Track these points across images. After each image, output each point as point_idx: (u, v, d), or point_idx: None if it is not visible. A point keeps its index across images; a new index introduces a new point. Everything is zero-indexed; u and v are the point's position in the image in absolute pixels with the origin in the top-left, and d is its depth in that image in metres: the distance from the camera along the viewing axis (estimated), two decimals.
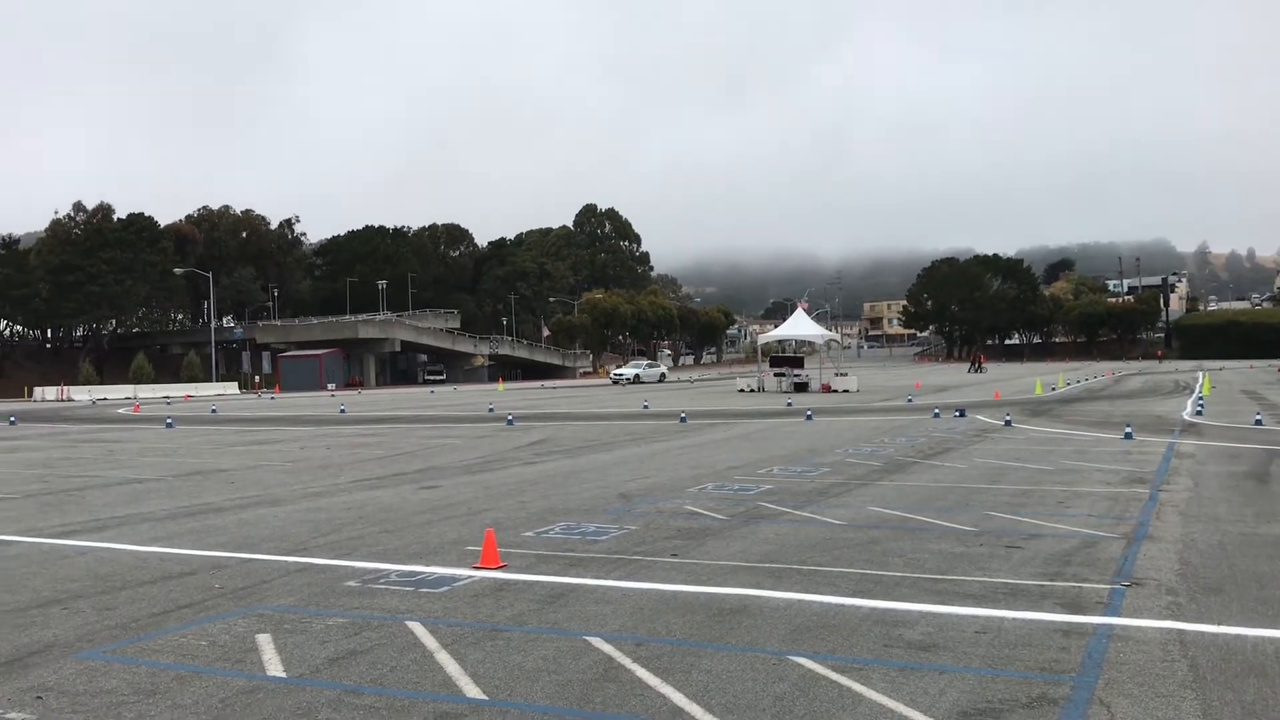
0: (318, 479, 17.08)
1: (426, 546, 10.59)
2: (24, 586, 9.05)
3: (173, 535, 11.64)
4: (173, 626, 7.58)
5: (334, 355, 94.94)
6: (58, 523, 12.78)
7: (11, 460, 21.94)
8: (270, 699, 5.91)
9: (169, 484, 16.83)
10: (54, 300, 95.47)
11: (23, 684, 6.26)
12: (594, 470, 17.54)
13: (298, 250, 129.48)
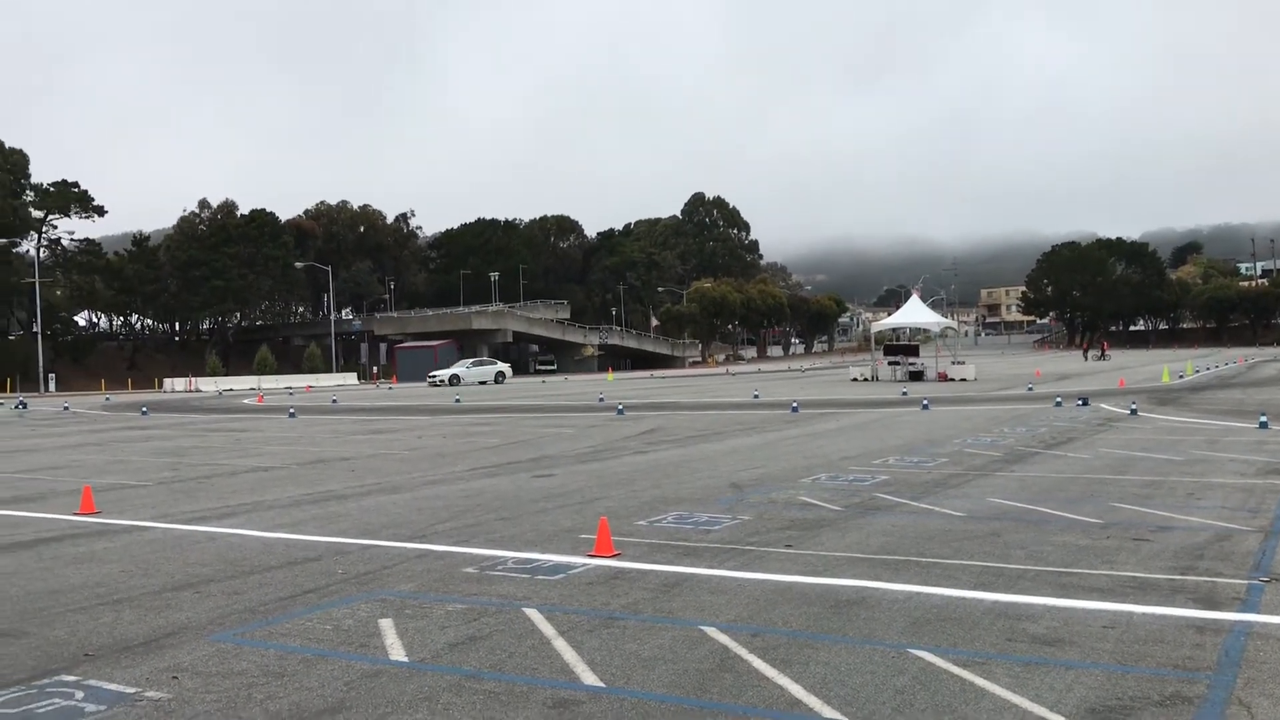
0: (435, 467, 17.40)
1: (541, 534, 10.70)
2: (158, 571, 9.41)
3: (297, 522, 11.98)
4: (298, 611, 7.79)
5: (448, 346, 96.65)
6: (188, 509, 13.27)
7: (144, 449, 22.86)
8: (393, 683, 6.03)
9: (293, 472, 17.33)
10: (182, 294, 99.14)
11: (159, 664, 6.50)
12: (705, 460, 17.51)
13: (413, 243, 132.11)
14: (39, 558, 10.15)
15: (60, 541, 11.04)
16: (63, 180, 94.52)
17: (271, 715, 5.52)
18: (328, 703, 5.70)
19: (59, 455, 21.63)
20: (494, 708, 5.59)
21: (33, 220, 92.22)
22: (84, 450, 22.80)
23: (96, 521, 12.32)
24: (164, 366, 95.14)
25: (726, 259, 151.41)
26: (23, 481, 16.83)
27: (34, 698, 5.88)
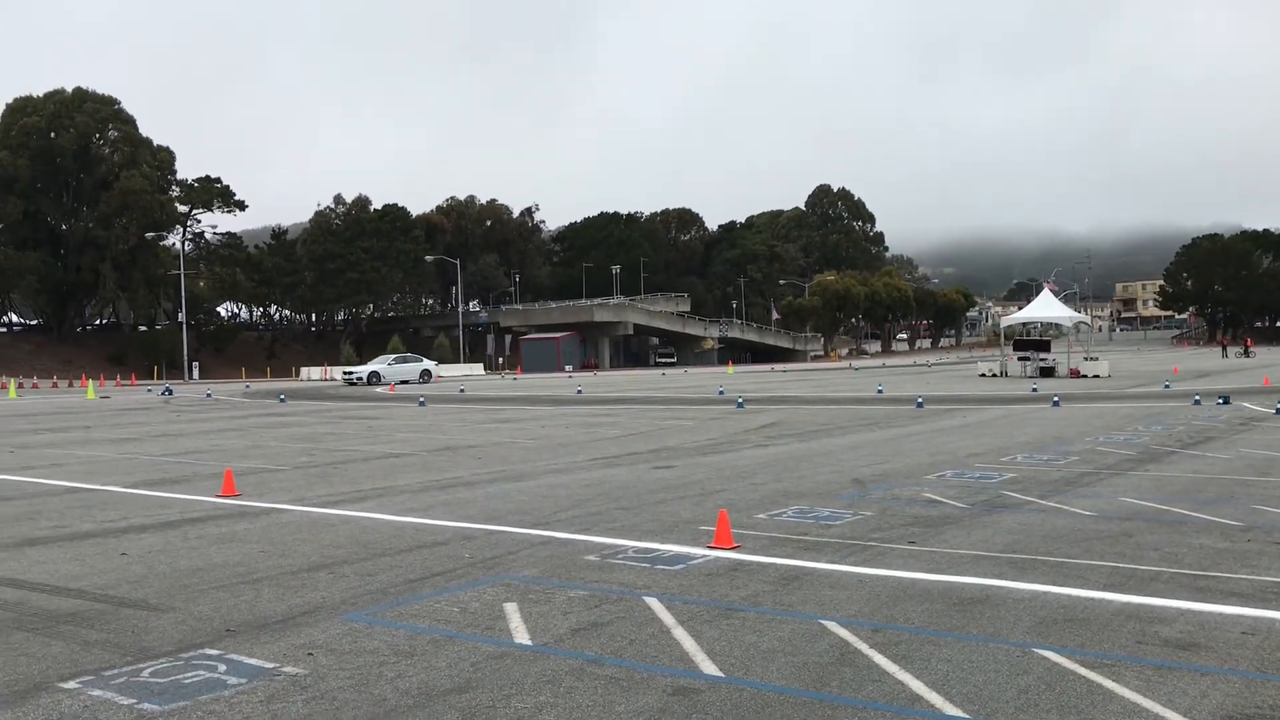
0: (558, 456, 17.67)
1: (661, 525, 10.79)
2: (295, 552, 9.80)
3: (427, 507, 12.32)
4: (427, 593, 8.03)
5: (571, 338, 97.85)
6: (323, 493, 13.76)
7: (281, 435, 23.75)
8: (517, 665, 6.18)
9: (422, 459, 17.81)
10: (318, 286, 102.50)
11: (295, 641, 6.78)
12: (827, 454, 17.39)
13: (537, 237, 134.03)
14: (185, 537, 10.66)
15: (204, 522, 11.58)
16: (206, 176, 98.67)
17: (402, 693, 5.73)
18: (455, 683, 5.88)
19: (202, 440, 22.63)
20: (614, 693, 5.69)
21: (178, 215, 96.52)
22: (225, 435, 23.80)
23: (237, 504, 12.88)
24: (300, 356, 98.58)
25: (850, 251, 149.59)
26: (169, 464, 17.67)
27: (181, 669, 6.20)
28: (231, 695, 5.71)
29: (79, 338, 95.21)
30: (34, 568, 9.19)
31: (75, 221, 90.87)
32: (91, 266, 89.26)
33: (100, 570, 9.05)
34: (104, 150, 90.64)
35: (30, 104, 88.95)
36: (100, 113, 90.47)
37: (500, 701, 5.57)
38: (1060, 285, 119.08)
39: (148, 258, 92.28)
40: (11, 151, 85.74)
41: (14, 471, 16.73)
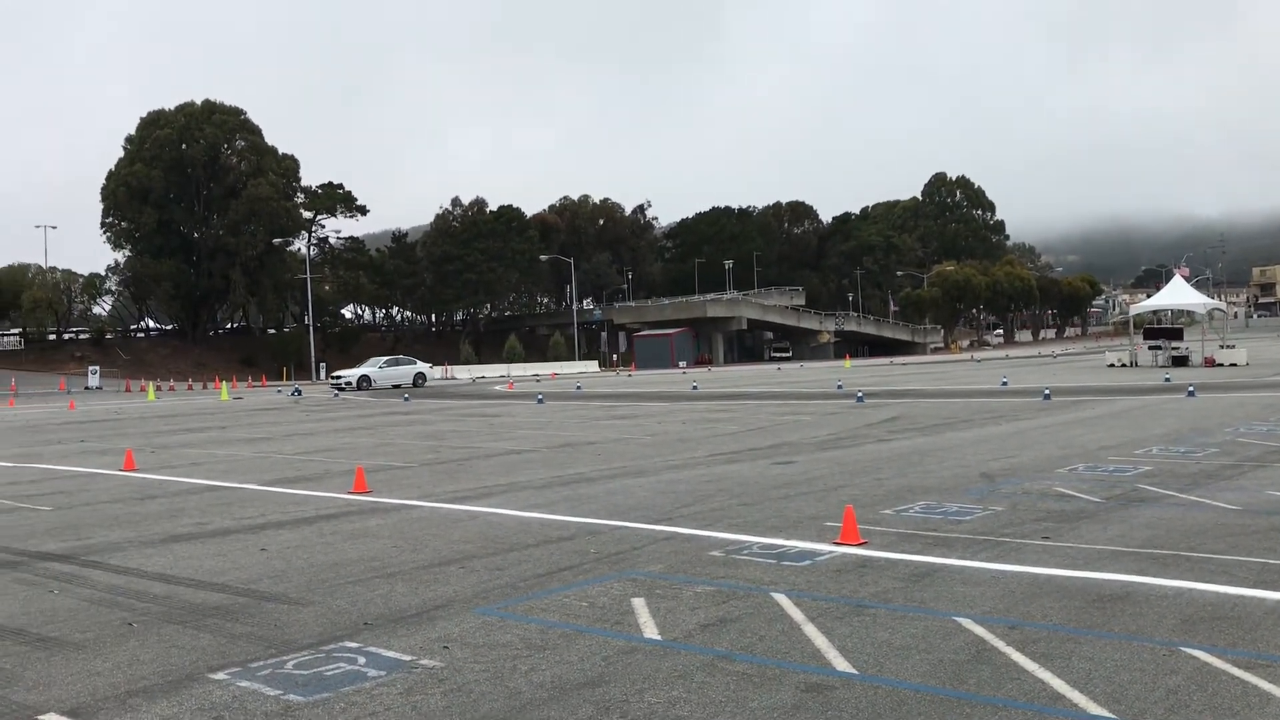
0: (676, 452, 17.69)
1: (785, 520, 10.72)
2: (426, 546, 10.01)
3: (550, 502, 12.46)
4: (556, 587, 8.12)
5: (684, 334, 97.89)
6: (450, 489, 14.03)
7: (407, 433, 24.30)
8: (648, 660, 6.20)
9: (543, 455, 18.02)
10: (437, 287, 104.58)
11: (431, 635, 6.92)
12: (952, 449, 17.04)
13: (649, 234, 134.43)
14: (320, 533, 10.98)
15: (338, 518, 11.92)
16: (329, 182, 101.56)
17: (536, 686, 5.80)
18: (588, 676, 5.93)
19: (332, 438, 23.29)
20: (747, 689, 5.67)
21: (303, 221, 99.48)
22: (354, 434, 24.46)
23: (369, 500, 13.22)
24: (421, 355, 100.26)
25: (969, 240, 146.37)
26: (302, 462, 18.23)
27: (322, 661, 6.39)
28: (372, 687, 5.86)
29: (212, 341, 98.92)
30: (180, 563, 9.58)
31: (206, 229, 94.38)
32: (222, 272, 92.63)
33: (242, 565, 9.38)
34: (232, 159, 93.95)
35: (162, 117, 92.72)
36: (228, 123, 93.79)
37: (633, 696, 5.60)
38: (1192, 270, 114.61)
39: (275, 263, 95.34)
40: (146, 164, 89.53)
41: (156, 470, 17.47)
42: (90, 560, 9.82)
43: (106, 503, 13.74)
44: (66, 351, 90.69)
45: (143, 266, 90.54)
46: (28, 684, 6.11)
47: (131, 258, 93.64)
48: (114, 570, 9.34)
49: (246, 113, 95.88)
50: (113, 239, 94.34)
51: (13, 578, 9.12)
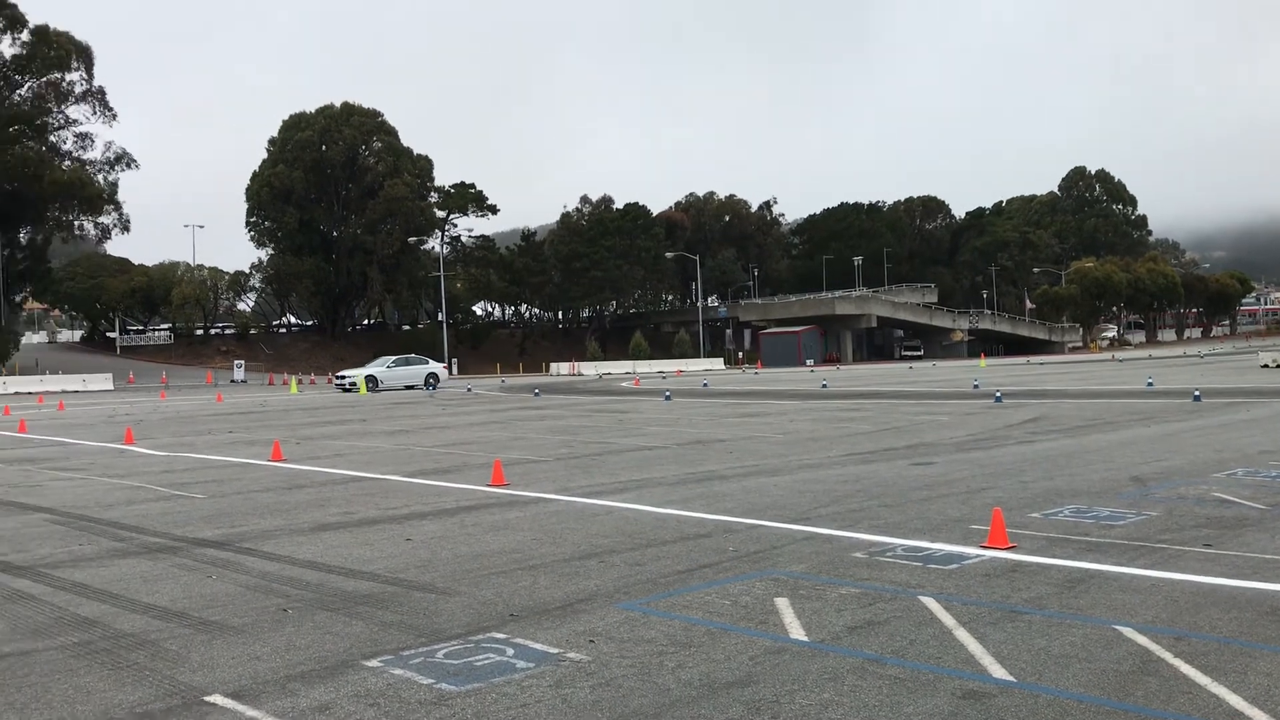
0: (809, 451, 17.48)
1: (928, 523, 10.47)
2: (565, 540, 10.08)
3: (685, 499, 12.43)
4: (696, 585, 8.08)
5: (811, 331, 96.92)
6: (585, 483, 14.12)
7: (540, 428, 24.60)
8: (796, 661, 6.11)
9: (674, 451, 18.02)
10: (564, 285, 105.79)
11: (575, 628, 6.96)
12: (1098, 451, 16.43)
13: (776, 230, 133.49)
14: (462, 524, 11.17)
15: (478, 510, 12.10)
16: (461, 182, 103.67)
17: (684, 684, 5.76)
18: (736, 676, 5.87)
19: (468, 432, 23.72)
20: (900, 693, 5.53)
21: (437, 220, 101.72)
22: (488, 428, 24.87)
23: (507, 493, 13.40)
24: (549, 351, 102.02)
25: (1109, 236, 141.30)
26: (440, 455, 18.60)
27: (471, 651, 6.47)
28: (521, 679, 5.91)
29: (350, 337, 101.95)
30: (329, 551, 9.85)
31: (345, 228, 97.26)
32: (360, 270, 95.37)
33: (388, 555, 9.59)
34: (369, 160, 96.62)
35: (303, 120, 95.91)
36: (365, 125, 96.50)
37: (784, 697, 5.51)
38: None
39: (410, 261, 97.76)
40: (288, 165, 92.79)
41: (302, 461, 18.04)
42: (244, 547, 10.17)
43: (257, 492, 14.25)
44: (213, 346, 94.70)
45: (284, 264, 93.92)
46: (193, 665, 6.34)
47: (274, 256, 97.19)
48: (267, 557, 9.65)
49: (383, 114, 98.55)
50: (256, 238, 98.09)
51: (173, 563, 9.51)
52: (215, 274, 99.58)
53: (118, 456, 19.94)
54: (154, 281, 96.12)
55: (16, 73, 79.52)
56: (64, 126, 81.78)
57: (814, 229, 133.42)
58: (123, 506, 13.17)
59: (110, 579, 8.82)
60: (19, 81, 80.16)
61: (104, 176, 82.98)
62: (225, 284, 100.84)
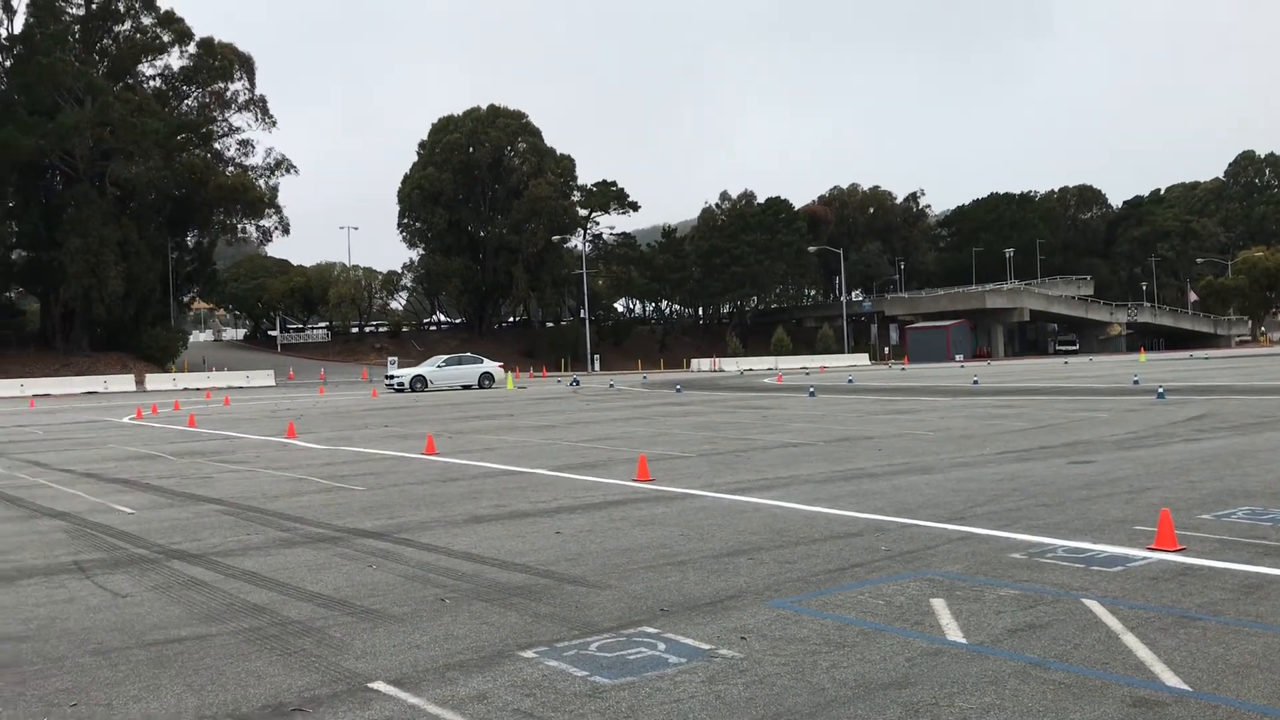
0: (962, 449, 17.05)
1: (1090, 523, 10.08)
2: (712, 536, 10.07)
3: (834, 497, 12.27)
4: (848, 584, 7.96)
5: (960, 326, 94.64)
6: (730, 480, 14.08)
7: (683, 423, 24.65)
8: (954, 663, 5.96)
9: (821, 449, 17.81)
10: (705, 281, 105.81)
11: (726, 624, 6.93)
12: (1272, 450, 15.57)
13: (922, 223, 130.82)
14: (609, 519, 11.27)
15: (624, 505, 12.19)
16: (603, 181, 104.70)
17: (839, 684, 5.68)
18: (892, 677, 5.76)
19: (611, 427, 23.94)
20: (1065, 699, 5.33)
21: (579, 218, 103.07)
22: (631, 423, 25.05)
23: (652, 488, 13.46)
24: (690, 347, 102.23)
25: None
26: (586, 449, 18.82)
27: (623, 645, 6.51)
28: (674, 674, 5.91)
29: (496, 334, 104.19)
30: (483, 543, 10.06)
31: (491, 228, 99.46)
32: (505, 269, 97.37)
33: (540, 547, 9.74)
34: (514, 161, 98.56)
35: (452, 122, 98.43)
36: (511, 126, 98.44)
37: (943, 700, 5.38)
38: None
39: (553, 259, 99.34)
40: (437, 167, 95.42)
41: (455, 455, 18.49)
42: (402, 538, 10.47)
43: (412, 484, 14.66)
44: (367, 343, 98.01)
45: (434, 264, 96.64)
46: (356, 653, 6.55)
47: (424, 256, 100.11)
48: (423, 548, 9.91)
49: (528, 116, 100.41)
50: (408, 238, 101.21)
51: (335, 553, 9.85)
52: (369, 274, 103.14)
53: (281, 450, 20.80)
54: (312, 281, 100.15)
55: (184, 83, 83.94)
56: (227, 134, 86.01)
57: (963, 220, 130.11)
58: (287, 498, 13.73)
59: (277, 567, 9.20)
60: (186, 92, 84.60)
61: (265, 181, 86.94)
62: (379, 283, 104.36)
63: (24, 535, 11.42)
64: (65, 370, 70.66)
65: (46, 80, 71.05)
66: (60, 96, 71.74)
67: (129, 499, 14.10)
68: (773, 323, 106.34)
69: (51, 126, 69.97)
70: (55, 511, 13.13)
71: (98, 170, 74.53)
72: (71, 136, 71.30)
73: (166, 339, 79.72)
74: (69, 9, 76.67)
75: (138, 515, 12.62)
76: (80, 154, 73.10)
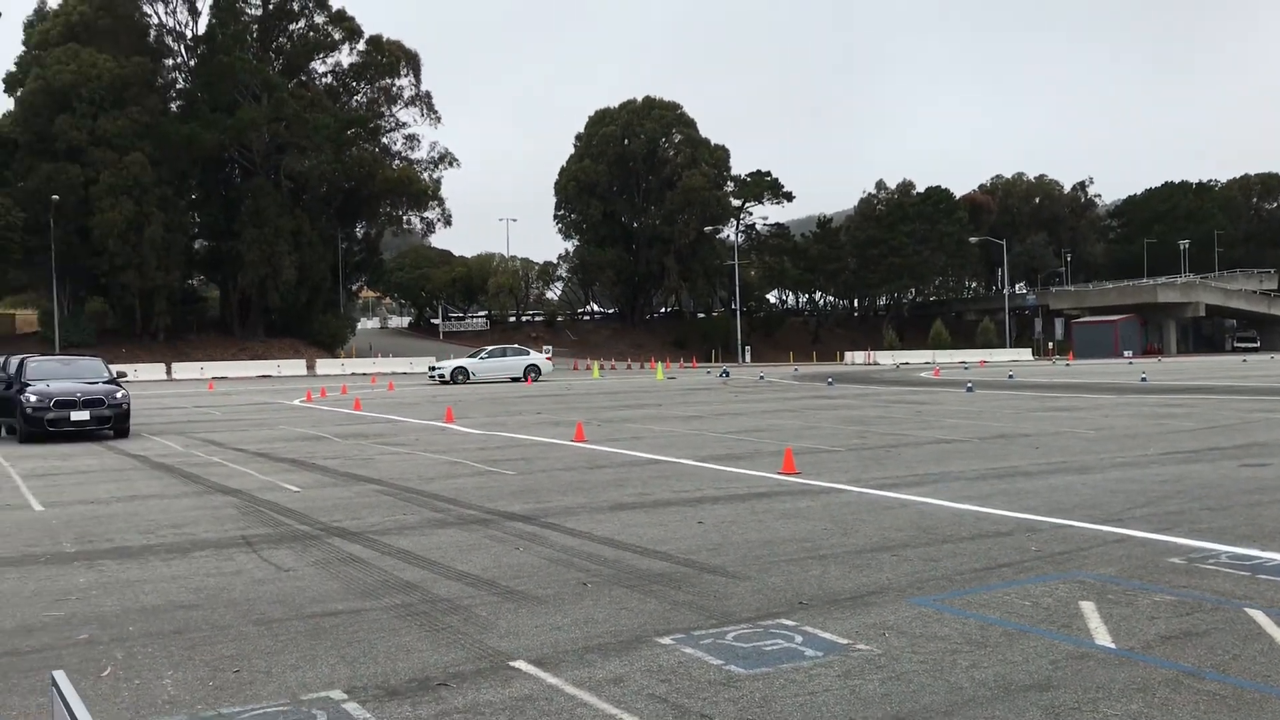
0: (1124, 449, 16.40)
1: (1259, 529, 9.58)
2: (856, 531, 9.97)
3: (984, 495, 11.99)
4: (994, 584, 7.78)
5: (1129, 321, 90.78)
6: (878, 475, 13.89)
7: (832, 417, 24.40)
8: (1101, 669, 5.78)
9: (975, 445, 17.39)
10: (860, 272, 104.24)
11: (865, 620, 6.88)
12: None
13: (1090, 213, 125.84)
14: (752, 510, 11.28)
15: (768, 497, 12.18)
16: (757, 171, 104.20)
17: (978, 684, 5.58)
18: (1034, 679, 5.62)
19: (759, 420, 23.89)
20: (1220, 711, 5.11)
21: (732, 209, 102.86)
22: (779, 416, 24.93)
23: (797, 481, 13.40)
24: (843, 340, 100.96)
25: None
26: (732, 441, 18.84)
27: (760, 636, 6.53)
28: (810, 667, 5.91)
29: (647, 324, 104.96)
30: (625, 530, 10.21)
31: (644, 219, 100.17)
32: (658, 260, 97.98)
33: (681, 536, 9.83)
34: (668, 153, 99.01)
35: (607, 115, 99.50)
36: (665, 118, 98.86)
37: (1086, 705, 5.23)
38: None
39: (706, 250, 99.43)
40: (593, 160, 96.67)
41: (602, 443, 18.76)
42: (548, 522, 10.72)
43: (560, 470, 14.96)
44: (524, 332, 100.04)
45: (588, 255, 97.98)
46: (500, 632, 6.76)
47: (579, 247, 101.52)
48: (568, 532, 10.12)
49: (682, 107, 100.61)
50: (563, 230, 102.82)
51: (485, 534, 10.15)
52: (526, 264, 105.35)
53: (439, 434, 21.49)
54: (472, 272, 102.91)
55: (353, 80, 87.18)
56: (394, 129, 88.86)
57: (1134, 210, 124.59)
58: (442, 480, 14.19)
59: (429, 547, 9.54)
60: (355, 88, 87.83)
61: (429, 174, 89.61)
62: (535, 274, 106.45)
63: (198, 510, 12.14)
64: (241, 355, 74.48)
65: (227, 78, 74.93)
66: (239, 94, 75.49)
67: (296, 478, 14.82)
68: (931, 315, 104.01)
69: (231, 122, 73.76)
70: (227, 488, 13.90)
71: (273, 164, 78.16)
72: (249, 132, 74.97)
73: (336, 326, 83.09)
74: (248, 9, 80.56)
75: (303, 493, 13.25)
76: (257, 148, 76.79)
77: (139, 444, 20.44)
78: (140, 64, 72.13)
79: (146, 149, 69.92)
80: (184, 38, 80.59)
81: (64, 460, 17.77)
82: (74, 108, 68.45)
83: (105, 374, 23.50)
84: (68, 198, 66.67)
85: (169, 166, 72.45)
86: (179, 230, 74.82)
